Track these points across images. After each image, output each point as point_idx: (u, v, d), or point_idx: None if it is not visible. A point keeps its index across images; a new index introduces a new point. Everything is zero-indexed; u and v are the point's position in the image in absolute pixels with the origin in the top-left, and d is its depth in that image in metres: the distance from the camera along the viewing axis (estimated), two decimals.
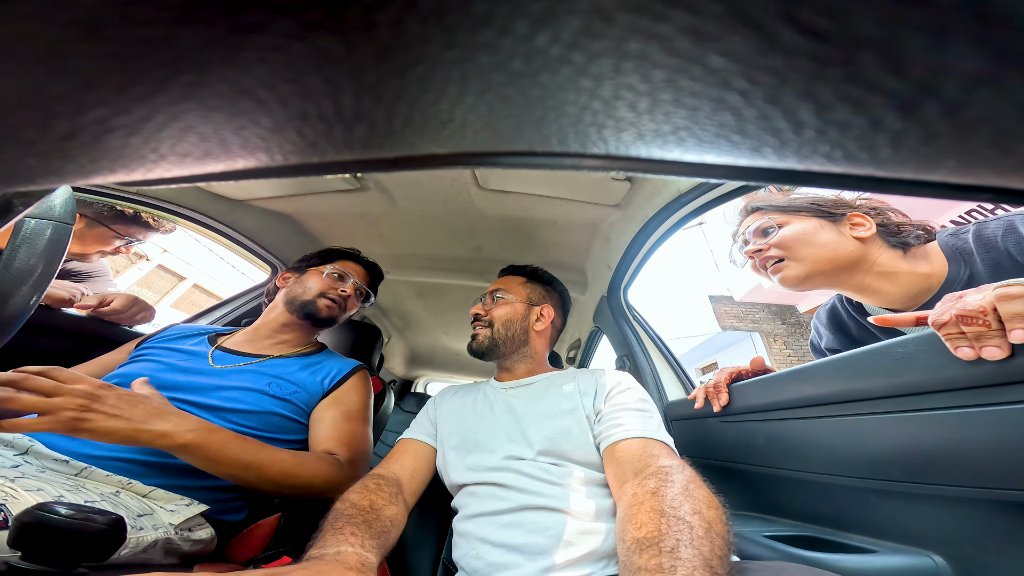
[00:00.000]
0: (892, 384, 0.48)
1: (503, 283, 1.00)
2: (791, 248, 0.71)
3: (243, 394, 0.76)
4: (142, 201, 1.09)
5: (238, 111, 0.11)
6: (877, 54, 0.08)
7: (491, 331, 0.91)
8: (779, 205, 0.77)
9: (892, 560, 0.49)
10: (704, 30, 0.08)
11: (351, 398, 0.88)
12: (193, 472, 0.66)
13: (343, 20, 0.08)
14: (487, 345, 0.91)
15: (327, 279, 0.97)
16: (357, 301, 1.03)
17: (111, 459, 0.61)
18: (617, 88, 0.11)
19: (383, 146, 0.15)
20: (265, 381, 0.80)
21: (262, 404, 0.77)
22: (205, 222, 1.23)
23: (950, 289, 0.61)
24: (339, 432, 0.80)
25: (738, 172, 0.13)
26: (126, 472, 0.61)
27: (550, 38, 0.09)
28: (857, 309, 0.78)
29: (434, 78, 0.11)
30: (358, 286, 1.02)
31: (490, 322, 0.93)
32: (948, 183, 0.11)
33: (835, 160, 0.11)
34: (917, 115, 0.09)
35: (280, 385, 0.81)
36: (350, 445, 0.79)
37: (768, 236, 0.74)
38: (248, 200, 1.19)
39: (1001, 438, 0.39)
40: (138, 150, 0.12)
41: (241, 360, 0.85)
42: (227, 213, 1.23)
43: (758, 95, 0.09)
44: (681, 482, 0.48)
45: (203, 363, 0.81)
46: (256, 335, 0.93)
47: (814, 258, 0.69)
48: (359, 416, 0.86)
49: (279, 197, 1.18)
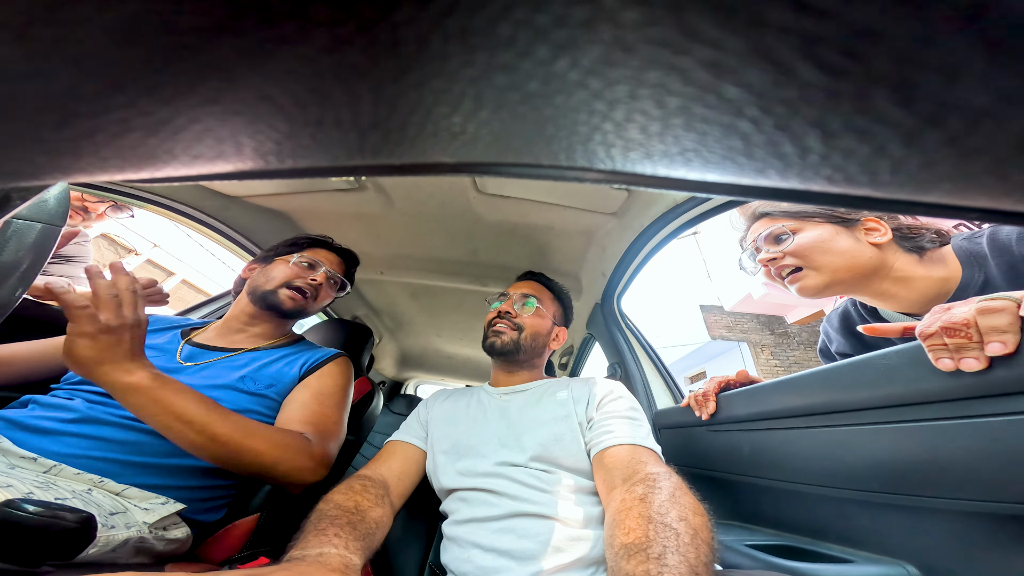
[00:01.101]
0: (874, 396, 0.49)
1: (537, 291, 0.97)
2: (808, 256, 0.68)
3: (215, 392, 0.71)
4: (134, 195, 1.07)
5: (258, 116, 0.11)
6: (890, 90, 0.08)
7: (519, 335, 0.90)
8: (789, 210, 0.74)
9: (867, 570, 0.51)
10: (724, 64, 0.08)
11: (325, 381, 0.82)
12: (170, 471, 0.64)
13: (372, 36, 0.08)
14: (511, 347, 0.89)
15: (294, 268, 0.91)
16: (331, 290, 0.98)
17: (81, 457, 0.59)
18: (630, 112, 0.11)
19: (393, 153, 0.15)
20: (237, 376, 0.76)
21: (236, 401, 0.73)
22: (199, 217, 1.21)
23: (964, 294, 0.61)
24: (309, 412, 0.74)
25: (740, 190, 0.13)
26: (97, 471, 0.59)
27: (569, 64, 0.10)
28: (871, 313, 0.77)
29: (451, 92, 0.11)
30: (331, 274, 0.96)
31: (520, 326, 0.90)
32: (942, 204, 0.12)
33: (836, 182, 0.11)
34: (920, 144, 0.09)
35: (254, 379, 0.77)
36: (319, 425, 0.73)
37: (782, 243, 0.72)
38: (244, 197, 1.18)
39: (978, 450, 0.40)
40: (152, 150, 0.12)
41: (212, 355, 0.81)
42: (222, 209, 1.21)
43: (769, 123, 0.09)
44: (668, 489, 0.48)
45: (171, 360, 0.77)
46: (227, 328, 0.89)
47: (833, 267, 0.66)
48: (332, 399, 0.80)
49: (275, 195, 1.17)
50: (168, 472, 0.64)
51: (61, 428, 0.62)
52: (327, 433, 0.73)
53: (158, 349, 0.80)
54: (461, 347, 2.23)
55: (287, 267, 0.91)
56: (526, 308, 0.93)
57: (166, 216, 1.18)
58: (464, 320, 1.86)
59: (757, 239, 0.76)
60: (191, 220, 1.21)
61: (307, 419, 0.72)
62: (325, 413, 0.76)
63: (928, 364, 0.42)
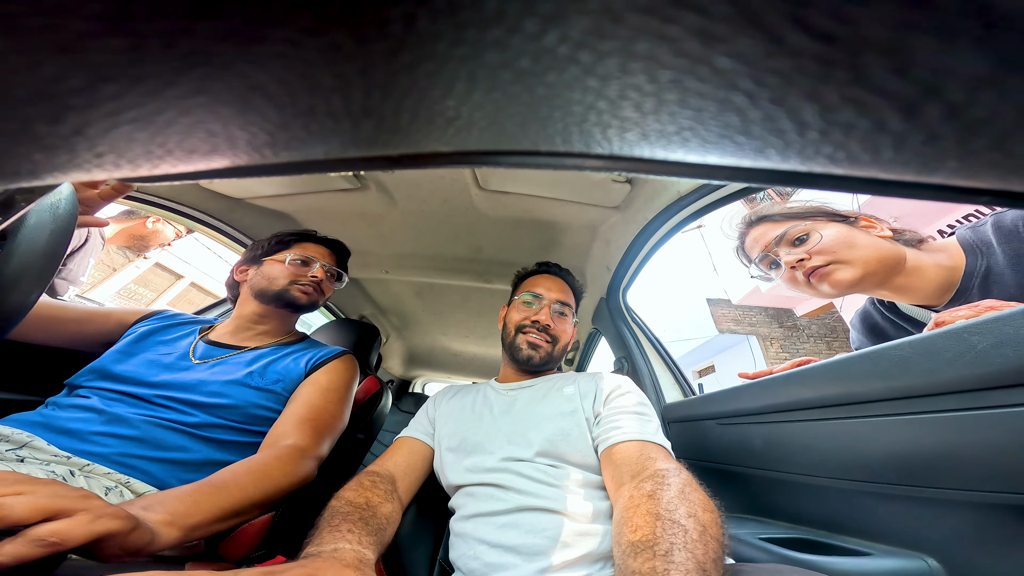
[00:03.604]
0: (889, 387, 0.48)
1: (570, 299, 0.94)
2: (836, 252, 0.68)
3: (225, 387, 0.75)
4: (142, 199, 1.09)
5: (248, 106, 0.11)
6: (883, 56, 0.08)
7: (552, 348, 0.88)
8: (787, 213, 0.73)
9: (886, 563, 0.50)
10: (713, 31, 0.08)
11: (331, 376, 0.85)
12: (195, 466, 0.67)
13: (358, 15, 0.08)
14: (546, 360, 0.87)
15: (291, 267, 0.91)
16: (331, 283, 0.99)
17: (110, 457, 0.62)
18: (623, 88, 0.11)
19: (388, 143, 0.15)
20: (245, 372, 0.79)
21: (244, 396, 0.76)
22: (205, 220, 1.23)
23: (970, 281, 0.62)
24: (311, 407, 0.77)
25: (741, 174, 0.13)
26: (127, 470, 0.62)
27: (559, 37, 0.09)
28: (890, 309, 0.77)
29: (443, 75, 0.11)
30: (327, 268, 0.96)
31: (555, 338, 0.88)
32: (949, 185, 0.12)
33: (838, 162, 0.11)
34: (920, 117, 0.09)
35: (261, 375, 0.80)
36: (316, 420, 0.76)
37: (806, 243, 0.71)
38: (248, 199, 1.19)
39: (995, 441, 0.39)
40: (145, 145, 0.12)
41: (223, 352, 0.84)
42: (227, 212, 1.23)
43: (764, 96, 0.09)
44: (677, 485, 0.48)
45: (185, 359, 0.80)
46: (236, 327, 0.91)
47: (864, 259, 0.66)
48: (336, 394, 0.83)
49: (279, 196, 1.18)
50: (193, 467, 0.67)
51: (89, 428, 0.64)
52: (323, 428, 0.76)
53: (172, 346, 0.83)
54: (467, 344, 2.23)
55: (283, 267, 0.92)
56: (562, 319, 0.90)
57: (173, 219, 1.20)
58: (469, 318, 1.86)
59: (770, 244, 0.74)
60: (197, 223, 1.22)
61: (307, 415, 0.75)
62: (327, 408, 0.79)
63: (942, 354, 0.41)
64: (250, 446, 0.74)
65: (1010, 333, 0.37)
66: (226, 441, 0.72)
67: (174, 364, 0.78)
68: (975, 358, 0.39)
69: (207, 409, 0.72)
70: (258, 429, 0.76)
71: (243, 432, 0.75)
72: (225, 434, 0.73)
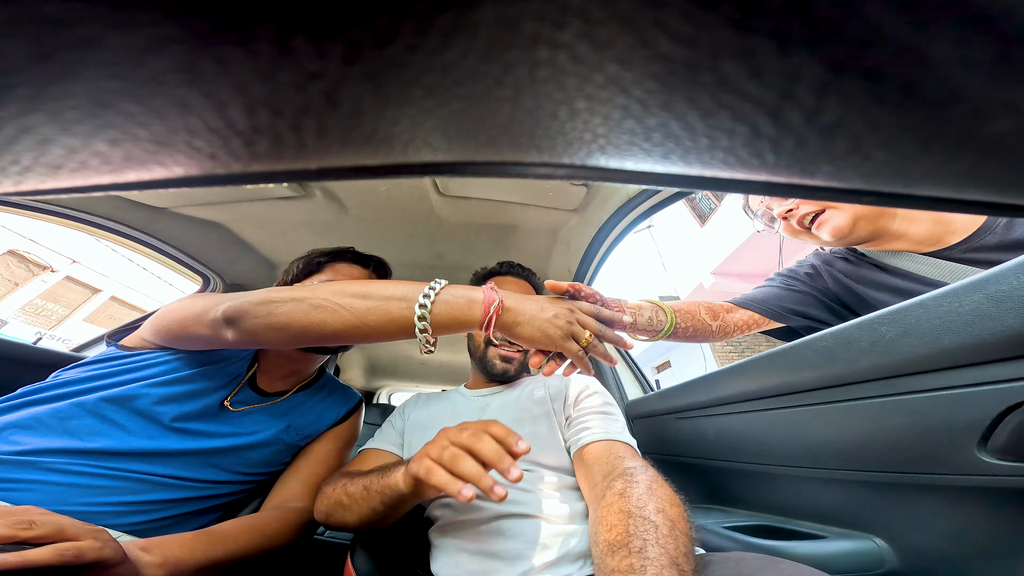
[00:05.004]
0: (819, 377, 0.51)
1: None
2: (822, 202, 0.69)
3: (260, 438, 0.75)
4: (46, 210, 0.97)
5: (105, 124, 0.10)
6: (736, 60, 0.08)
7: (524, 356, 0.86)
8: None
9: (840, 545, 0.53)
10: (597, 36, 0.08)
11: (349, 431, 0.89)
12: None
13: (205, 37, 0.08)
14: (520, 370, 0.88)
15: None
16: None
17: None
18: (536, 97, 0.11)
19: (298, 158, 0.14)
20: (283, 425, 0.78)
21: (277, 457, 0.78)
22: (123, 232, 1.11)
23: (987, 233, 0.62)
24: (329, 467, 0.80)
25: (651, 178, 0.13)
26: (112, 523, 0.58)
27: (462, 51, 0.09)
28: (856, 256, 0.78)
29: (342, 94, 0.11)
30: None
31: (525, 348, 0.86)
32: (830, 187, 0.13)
33: (732, 166, 0.11)
34: (785, 120, 0.09)
35: (298, 430, 0.80)
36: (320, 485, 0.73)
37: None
38: (172, 207, 1.09)
39: (910, 425, 0.42)
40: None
41: (259, 400, 0.79)
42: (148, 222, 1.12)
43: (654, 103, 0.10)
44: (645, 482, 0.49)
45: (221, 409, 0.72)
46: (268, 366, 0.81)
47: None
48: (349, 449, 0.88)
49: (207, 204, 1.09)
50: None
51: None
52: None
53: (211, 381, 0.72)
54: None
55: None
56: None
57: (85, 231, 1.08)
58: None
59: (765, 199, 0.77)
60: (115, 234, 1.11)
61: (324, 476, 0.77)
62: (340, 466, 0.82)
63: (859, 344, 0.44)
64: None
65: (913, 323, 0.40)
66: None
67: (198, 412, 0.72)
68: (885, 347, 0.42)
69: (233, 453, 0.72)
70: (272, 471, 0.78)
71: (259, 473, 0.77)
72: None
